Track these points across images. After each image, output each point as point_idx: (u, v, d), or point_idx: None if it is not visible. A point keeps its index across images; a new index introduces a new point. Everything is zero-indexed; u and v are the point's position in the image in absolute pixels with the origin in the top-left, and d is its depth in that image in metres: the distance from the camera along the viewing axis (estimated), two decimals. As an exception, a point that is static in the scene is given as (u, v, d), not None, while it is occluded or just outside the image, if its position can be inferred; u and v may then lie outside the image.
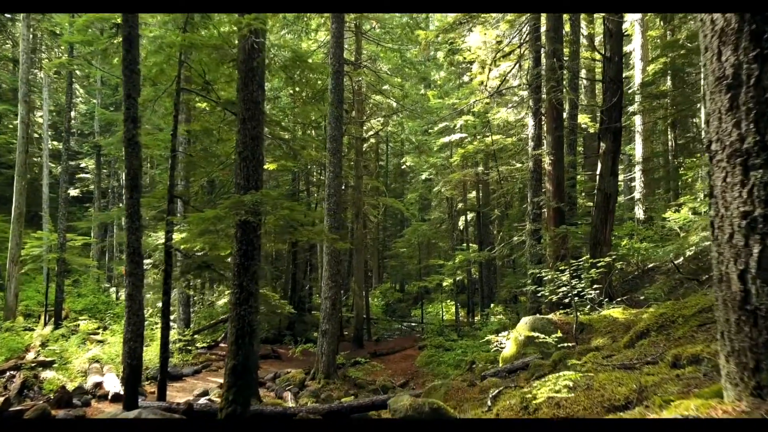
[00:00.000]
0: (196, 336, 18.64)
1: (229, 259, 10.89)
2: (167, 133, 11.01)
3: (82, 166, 31.64)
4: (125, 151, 7.68)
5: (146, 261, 17.24)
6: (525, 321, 8.10)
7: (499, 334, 9.19)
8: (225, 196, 7.92)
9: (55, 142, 28.24)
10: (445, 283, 18.99)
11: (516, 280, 16.10)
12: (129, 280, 7.64)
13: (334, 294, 13.45)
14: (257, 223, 6.19)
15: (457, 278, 23.21)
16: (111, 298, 24.46)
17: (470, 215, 25.01)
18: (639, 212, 21.20)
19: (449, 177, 21.92)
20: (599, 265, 8.06)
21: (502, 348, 8.77)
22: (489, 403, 3.93)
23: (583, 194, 19.02)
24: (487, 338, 9.71)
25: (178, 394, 11.45)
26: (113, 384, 10.72)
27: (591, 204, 18.40)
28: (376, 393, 13.29)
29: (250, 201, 5.88)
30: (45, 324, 18.03)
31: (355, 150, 20.76)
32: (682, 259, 14.32)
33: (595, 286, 8.48)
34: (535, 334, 7.81)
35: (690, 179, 17.28)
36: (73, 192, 29.73)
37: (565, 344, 6.70)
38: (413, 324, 26.36)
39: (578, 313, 7.39)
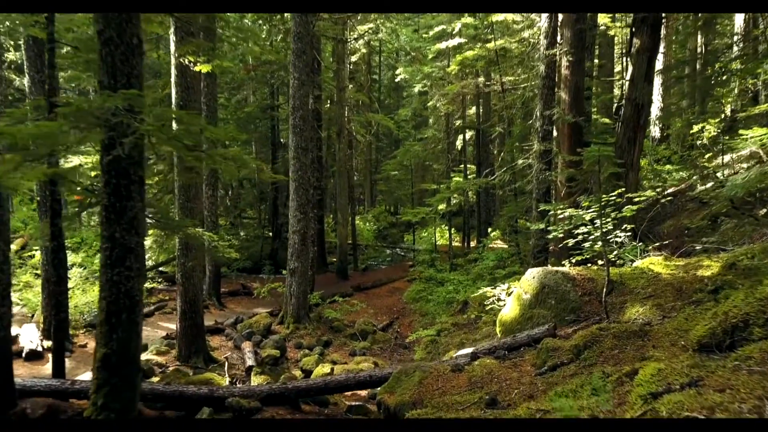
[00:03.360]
0: (161, 269, 16.89)
1: (155, 192, 8.76)
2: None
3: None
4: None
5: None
6: (532, 274, 6.08)
7: (497, 287, 7.22)
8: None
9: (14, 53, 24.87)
10: (440, 207, 16.97)
11: (518, 207, 14.00)
12: (-13, 223, 5.53)
13: (304, 227, 11.42)
14: (128, 146, 3.96)
15: (453, 202, 21.19)
16: (76, 225, 22.42)
17: (469, 134, 22.52)
18: (655, 130, 18.81)
19: (446, 89, 19.22)
20: (636, 200, 5.92)
21: (501, 306, 6.84)
22: None
23: (596, 109, 16.50)
24: (481, 291, 7.76)
25: (117, 347, 9.73)
26: (31, 338, 8.97)
27: (608, 121, 15.94)
28: (354, 338, 11.67)
29: (100, 107, 3.58)
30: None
31: (336, 56, 17.90)
32: (712, 183, 12.17)
33: (625, 226, 6.40)
34: (546, 293, 5.83)
35: (727, 91, 14.73)
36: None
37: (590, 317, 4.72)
38: (405, 250, 24.76)
39: (608, 267, 5.34)
